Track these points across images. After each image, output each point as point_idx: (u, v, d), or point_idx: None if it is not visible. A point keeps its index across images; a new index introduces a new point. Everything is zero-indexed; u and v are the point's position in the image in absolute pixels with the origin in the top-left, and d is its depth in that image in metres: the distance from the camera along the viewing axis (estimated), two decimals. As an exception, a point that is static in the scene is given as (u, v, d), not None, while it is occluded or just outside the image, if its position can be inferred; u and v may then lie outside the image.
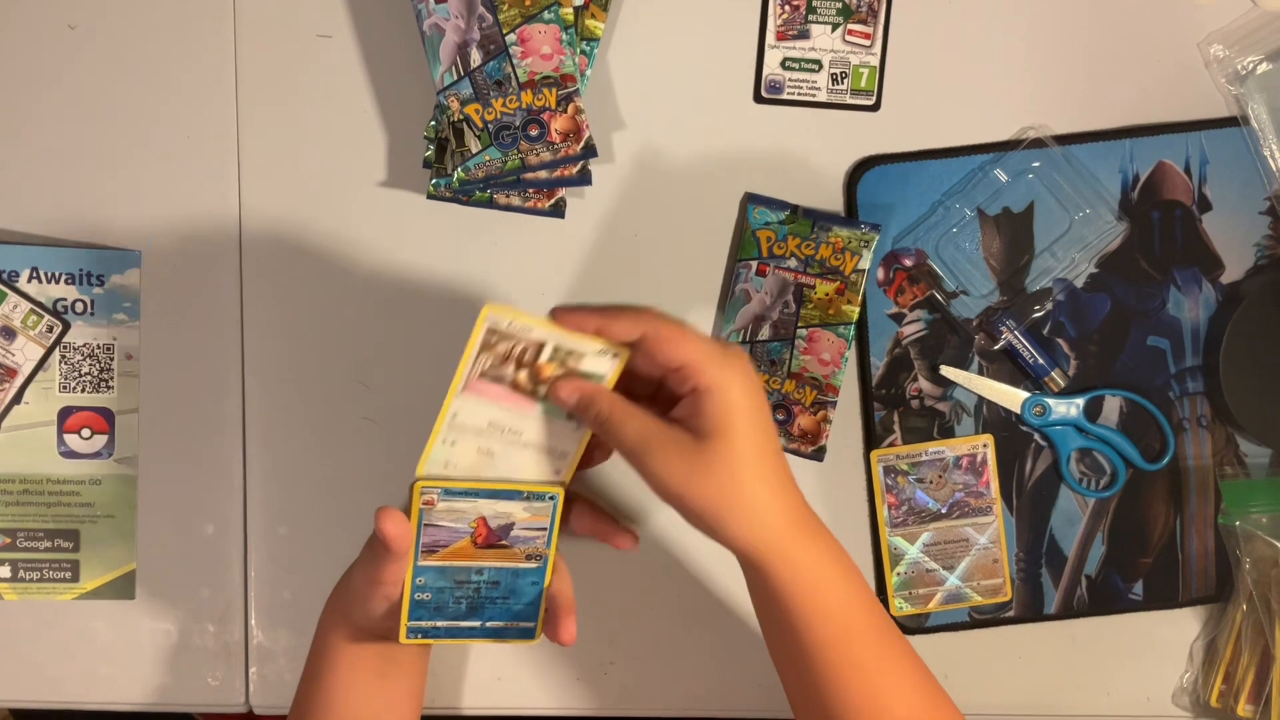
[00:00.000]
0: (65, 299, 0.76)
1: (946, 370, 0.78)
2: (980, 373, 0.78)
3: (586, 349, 0.60)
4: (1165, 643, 0.80)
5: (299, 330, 0.78)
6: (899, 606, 0.79)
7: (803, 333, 0.76)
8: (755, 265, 0.76)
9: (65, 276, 0.76)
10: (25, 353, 0.76)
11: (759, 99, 0.77)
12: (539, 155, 0.74)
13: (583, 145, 0.74)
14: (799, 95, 0.77)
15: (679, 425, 0.58)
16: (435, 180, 0.75)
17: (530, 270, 0.78)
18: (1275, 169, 0.77)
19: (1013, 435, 0.78)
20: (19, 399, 0.76)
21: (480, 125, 0.73)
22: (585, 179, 0.75)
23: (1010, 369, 0.78)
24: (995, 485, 0.78)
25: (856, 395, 0.79)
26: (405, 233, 0.77)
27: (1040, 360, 0.77)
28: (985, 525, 0.78)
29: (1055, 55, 0.78)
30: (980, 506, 0.78)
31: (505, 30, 0.72)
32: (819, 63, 0.77)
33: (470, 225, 0.77)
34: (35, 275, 0.76)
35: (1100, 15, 0.77)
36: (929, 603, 0.79)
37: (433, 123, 0.75)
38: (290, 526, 0.79)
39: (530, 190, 0.75)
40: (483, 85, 0.73)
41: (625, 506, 0.78)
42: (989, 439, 0.78)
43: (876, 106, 0.77)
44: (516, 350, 0.59)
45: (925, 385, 0.78)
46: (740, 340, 0.77)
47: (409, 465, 0.62)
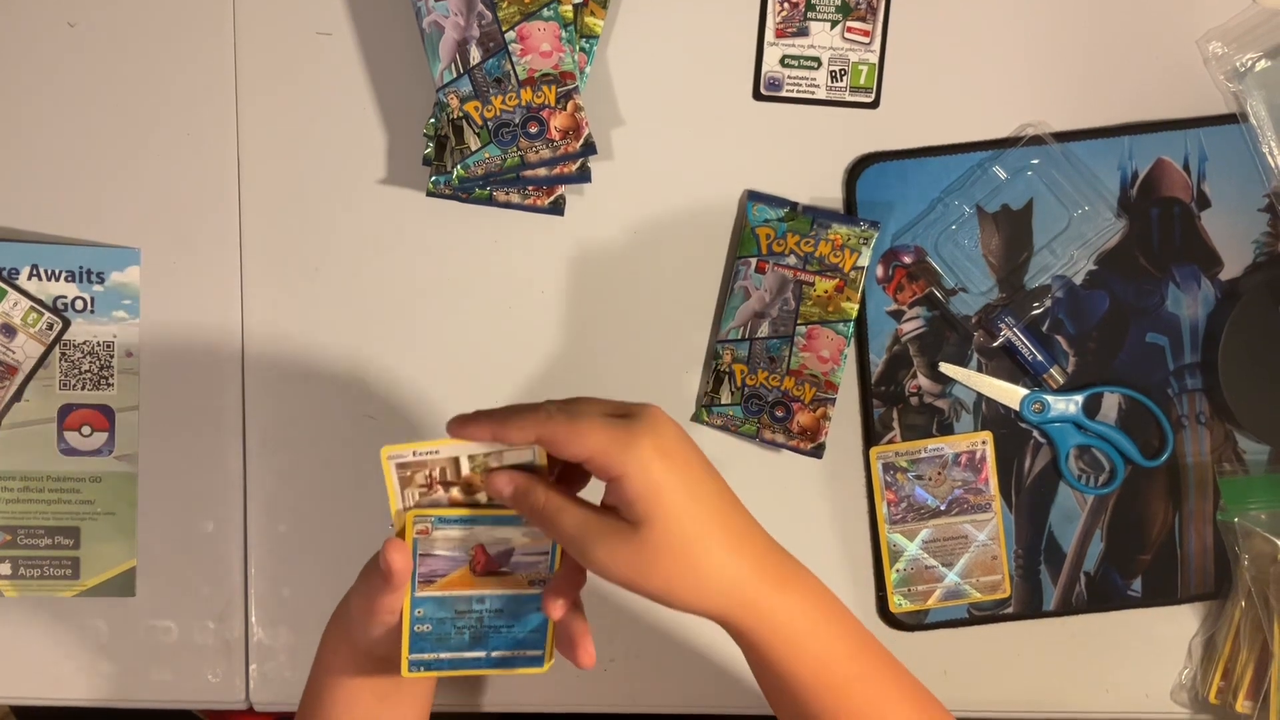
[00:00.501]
0: (65, 296, 0.76)
1: (945, 367, 0.78)
2: (979, 370, 0.78)
3: (501, 447, 0.58)
4: (1164, 639, 0.80)
5: (299, 327, 0.78)
6: (898, 603, 0.79)
7: (802, 330, 0.76)
8: (755, 262, 0.76)
9: (65, 274, 0.76)
10: (25, 350, 0.76)
11: (758, 96, 0.77)
12: (538, 152, 0.74)
13: (582, 142, 0.74)
14: (798, 92, 0.77)
15: (614, 513, 0.55)
16: (435, 177, 0.75)
17: (530, 267, 0.78)
18: (1274, 166, 0.77)
19: (1012, 432, 0.78)
20: (19, 396, 0.77)
21: (480, 122, 0.73)
22: (585, 176, 0.75)
23: (1009, 366, 0.78)
24: (994, 482, 0.78)
25: (856, 392, 0.79)
26: (405, 230, 0.77)
27: (1039, 357, 0.77)
28: (984, 522, 0.78)
29: (1054, 52, 0.78)
30: (979, 503, 0.78)
31: (504, 27, 0.72)
32: (818, 60, 0.77)
33: (470, 222, 0.77)
34: (35, 273, 0.76)
35: (1099, 12, 0.77)
36: (928, 599, 0.79)
37: (432, 120, 0.75)
38: (290, 524, 0.79)
39: (530, 187, 0.75)
40: (482, 82, 0.73)
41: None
42: (988, 436, 0.78)
43: (875, 104, 0.77)
44: (436, 473, 0.58)
45: (924, 382, 0.78)
46: (740, 337, 0.77)
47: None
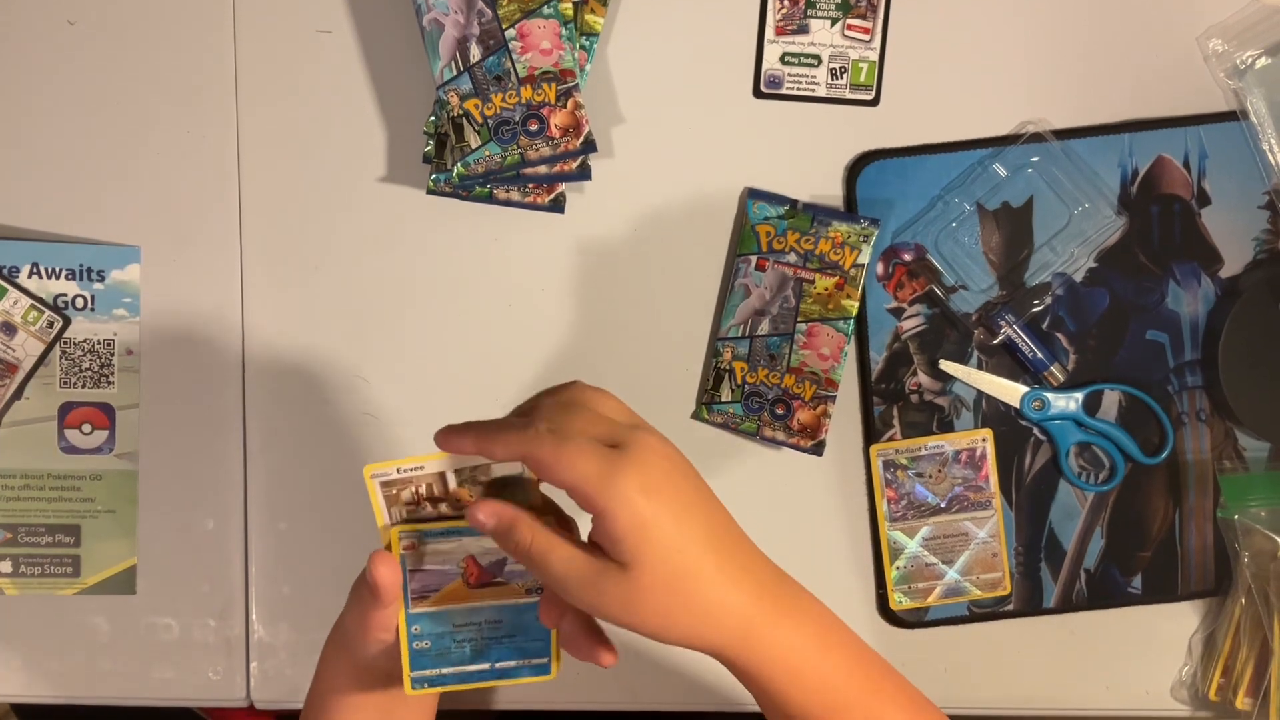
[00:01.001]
0: (66, 294, 0.76)
1: (946, 365, 0.78)
2: (979, 367, 0.78)
3: (487, 460, 0.57)
4: (1164, 636, 0.80)
5: (299, 325, 0.78)
6: (898, 600, 0.79)
7: (802, 327, 0.76)
8: (755, 260, 0.76)
9: (66, 272, 0.76)
10: (26, 348, 0.76)
11: (758, 94, 0.77)
12: (538, 150, 0.74)
13: (582, 140, 0.74)
14: (798, 90, 0.77)
15: (601, 552, 0.52)
16: (435, 175, 0.75)
17: (530, 265, 0.78)
18: (1274, 163, 0.77)
19: (1012, 429, 0.78)
20: (20, 394, 0.77)
21: (480, 120, 0.73)
22: (585, 174, 0.75)
23: (1009, 363, 0.78)
24: (994, 479, 0.78)
25: (856, 390, 0.79)
26: (405, 227, 0.78)
27: (1039, 354, 0.77)
28: (984, 519, 0.79)
29: (1054, 50, 0.78)
30: (979, 501, 0.78)
31: (505, 25, 0.72)
32: (818, 57, 0.77)
33: (470, 220, 0.77)
34: (36, 271, 0.76)
35: (1099, 10, 0.77)
36: (928, 597, 0.79)
37: (432, 118, 0.75)
38: (290, 522, 0.79)
39: (530, 185, 0.75)
40: (482, 80, 0.73)
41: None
42: (988, 433, 0.78)
43: (876, 101, 0.77)
44: (422, 489, 0.57)
45: (924, 380, 0.78)
46: (740, 335, 0.77)
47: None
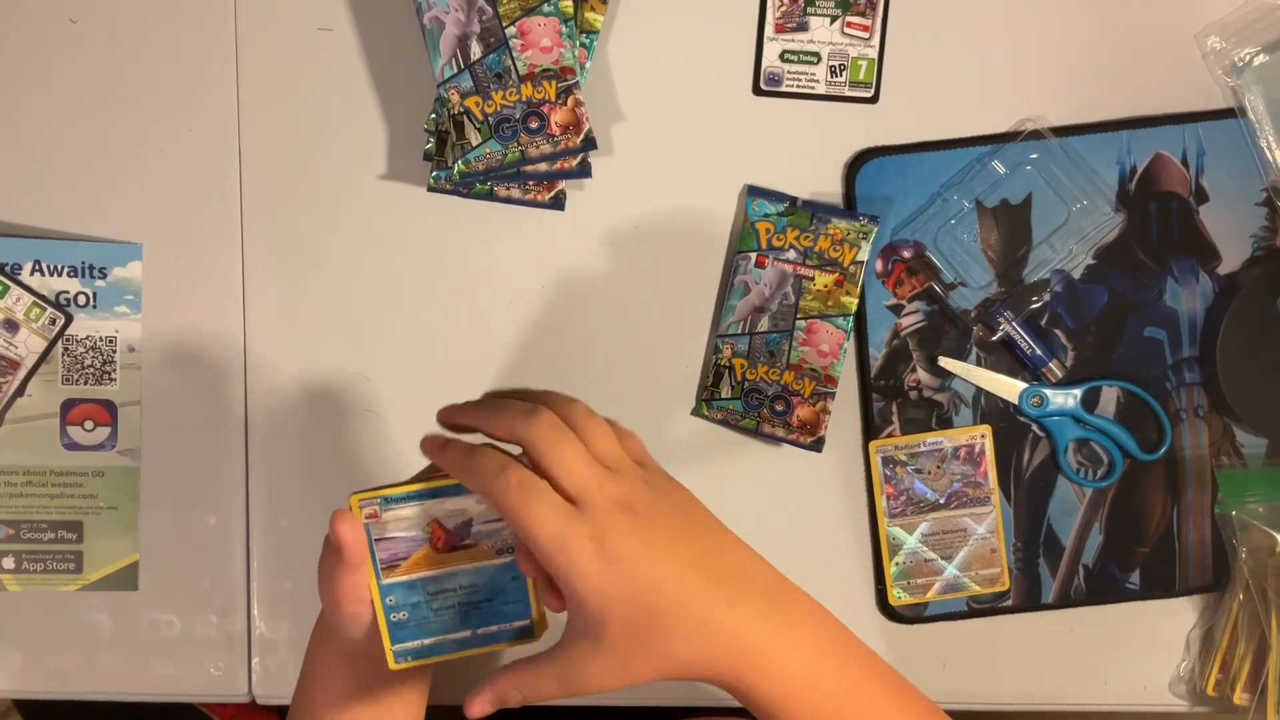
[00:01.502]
0: (68, 292, 0.77)
1: (945, 361, 0.78)
2: (978, 364, 0.78)
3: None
4: (1162, 632, 0.81)
5: (300, 322, 0.78)
6: (897, 596, 0.79)
7: (802, 324, 0.76)
8: (754, 257, 0.76)
9: (67, 269, 0.76)
10: (28, 345, 0.76)
11: (758, 91, 0.77)
12: (539, 148, 0.74)
13: (582, 138, 0.74)
14: (798, 87, 0.77)
15: (583, 637, 0.51)
16: (435, 173, 0.75)
17: (530, 263, 0.78)
18: (1272, 160, 0.77)
19: (1010, 426, 0.79)
20: (22, 391, 0.77)
21: (480, 118, 0.74)
22: (585, 171, 0.75)
23: (1008, 360, 0.78)
24: (993, 475, 0.79)
25: (855, 386, 0.79)
26: (406, 225, 0.78)
27: (1038, 351, 0.77)
28: (983, 515, 0.79)
29: (1053, 47, 0.78)
30: (978, 497, 0.79)
31: (505, 23, 0.73)
32: (818, 55, 0.77)
33: (470, 218, 0.77)
34: (38, 268, 0.76)
35: (1098, 7, 0.78)
36: (927, 592, 0.79)
37: (433, 115, 0.75)
38: (292, 518, 0.79)
39: (530, 183, 0.76)
40: (483, 78, 0.73)
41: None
42: (987, 430, 0.78)
43: (875, 99, 0.77)
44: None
45: (924, 376, 0.78)
46: (740, 331, 0.77)
47: (410, 457, 0.61)
